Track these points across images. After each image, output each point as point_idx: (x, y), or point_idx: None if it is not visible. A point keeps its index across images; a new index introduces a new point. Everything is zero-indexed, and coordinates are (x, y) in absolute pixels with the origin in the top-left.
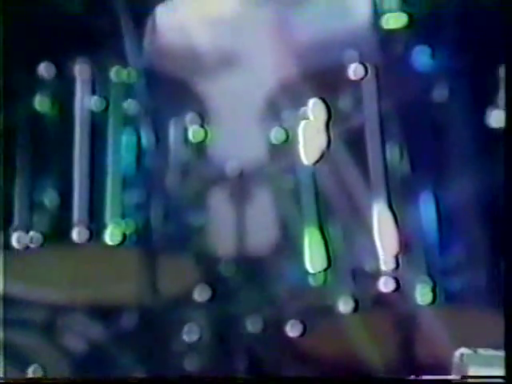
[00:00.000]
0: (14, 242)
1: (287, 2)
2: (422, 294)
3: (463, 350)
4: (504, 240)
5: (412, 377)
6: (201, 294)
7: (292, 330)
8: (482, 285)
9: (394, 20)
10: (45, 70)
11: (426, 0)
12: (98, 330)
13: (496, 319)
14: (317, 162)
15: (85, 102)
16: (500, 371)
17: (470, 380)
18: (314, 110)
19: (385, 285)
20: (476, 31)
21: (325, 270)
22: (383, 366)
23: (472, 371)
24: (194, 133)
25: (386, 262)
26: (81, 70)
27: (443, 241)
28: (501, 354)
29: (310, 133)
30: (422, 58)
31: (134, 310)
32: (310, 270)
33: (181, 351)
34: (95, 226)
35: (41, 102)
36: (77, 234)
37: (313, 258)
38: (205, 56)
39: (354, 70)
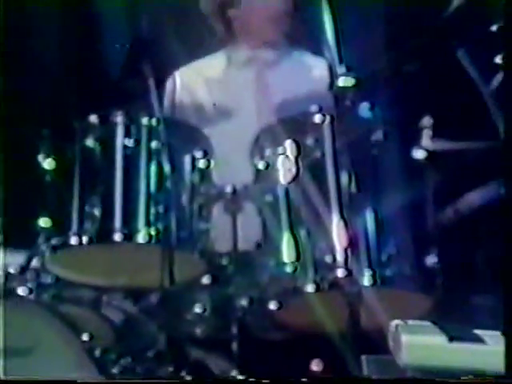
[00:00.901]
0: (72, 242)
1: (264, 66)
2: (366, 279)
3: (397, 321)
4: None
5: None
6: (205, 280)
7: (272, 304)
8: (408, 273)
9: (345, 82)
10: (94, 118)
11: (368, 68)
12: (131, 305)
13: (419, 298)
14: (290, 183)
15: (122, 141)
16: (424, 338)
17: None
18: (288, 148)
19: (339, 272)
20: (403, 91)
21: (296, 261)
22: (338, 331)
23: (403, 338)
24: (201, 163)
25: (340, 256)
26: (120, 119)
27: (380, 241)
28: (426, 323)
29: (286, 163)
30: (364, 109)
31: (157, 291)
32: (286, 262)
33: (191, 320)
34: (130, 230)
35: (91, 141)
36: (117, 236)
37: (287, 252)
38: (207, 108)
39: (317, 118)
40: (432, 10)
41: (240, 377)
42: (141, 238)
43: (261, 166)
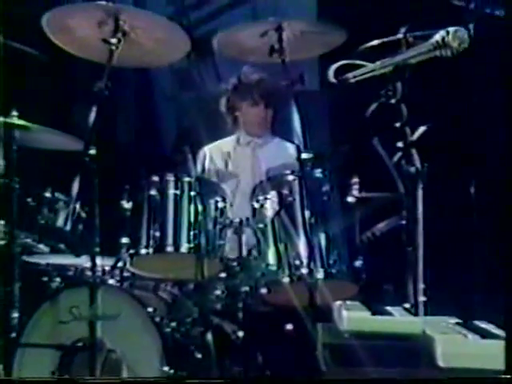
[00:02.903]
0: (142, 252)
1: (257, 146)
2: (320, 274)
3: (339, 302)
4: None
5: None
6: (222, 275)
7: (263, 290)
8: (345, 271)
9: (307, 156)
10: (156, 178)
11: (321, 148)
12: (177, 290)
13: (352, 286)
14: (274, 216)
15: (173, 191)
16: (356, 313)
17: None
18: (273, 195)
19: (304, 270)
20: (341, 162)
21: (278, 263)
22: (303, 307)
23: (344, 312)
24: (220, 204)
25: (304, 260)
26: (171, 178)
27: (329, 251)
28: (357, 303)
29: (272, 204)
30: (318, 172)
31: (193, 281)
32: (271, 264)
33: (213, 299)
34: (177, 245)
35: (154, 191)
36: (169, 248)
37: (272, 258)
38: (223, 171)
39: (290, 178)
40: (357, 112)
41: (241, 333)
42: (184, 249)
43: (256, 206)
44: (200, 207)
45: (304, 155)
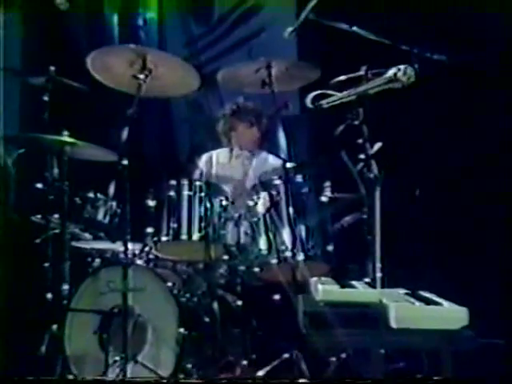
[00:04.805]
0: (163, 239)
1: (248, 158)
2: (300, 257)
3: (315, 278)
4: None
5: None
6: (225, 257)
7: (256, 269)
8: (320, 254)
9: (290, 165)
10: (173, 182)
11: (301, 159)
12: (191, 269)
13: (324, 266)
14: (265, 212)
15: (187, 192)
16: (329, 286)
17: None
18: (264, 195)
19: (288, 254)
20: (317, 170)
21: (268, 249)
22: (287, 282)
23: (319, 286)
24: (224, 203)
25: (289, 246)
26: (185, 182)
27: (308, 239)
28: (328, 279)
29: (263, 203)
30: (299, 178)
31: (202, 262)
32: (263, 249)
33: (218, 276)
34: (190, 234)
35: (172, 193)
36: (184, 236)
37: (264, 244)
38: (221, 176)
39: (277, 182)
40: (329, 131)
41: (240, 302)
42: (195, 237)
43: (251, 204)
44: (208, 205)
45: (288, 164)
